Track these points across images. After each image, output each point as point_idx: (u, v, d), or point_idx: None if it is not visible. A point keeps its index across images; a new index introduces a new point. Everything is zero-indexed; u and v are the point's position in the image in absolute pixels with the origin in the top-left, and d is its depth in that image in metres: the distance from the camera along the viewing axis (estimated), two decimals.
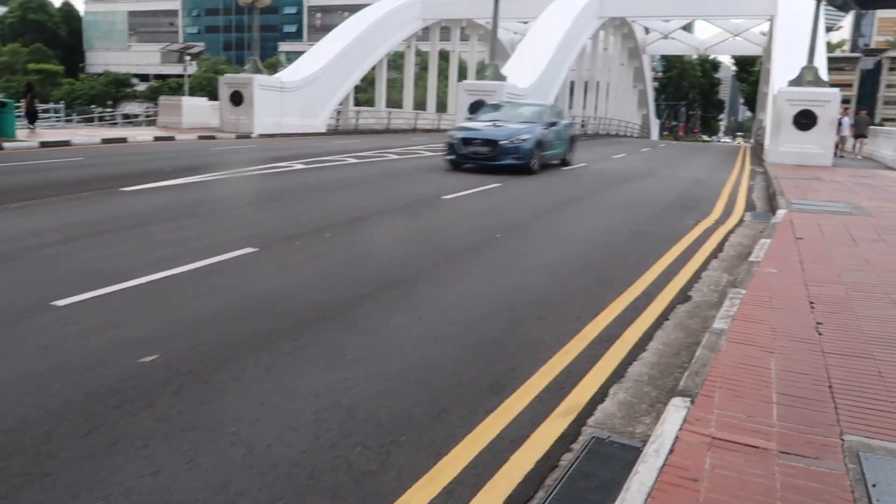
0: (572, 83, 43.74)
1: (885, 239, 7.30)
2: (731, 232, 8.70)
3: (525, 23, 44.96)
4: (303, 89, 30.39)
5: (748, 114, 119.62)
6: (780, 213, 9.00)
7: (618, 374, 4.08)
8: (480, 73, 28.53)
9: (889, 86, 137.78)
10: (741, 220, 9.59)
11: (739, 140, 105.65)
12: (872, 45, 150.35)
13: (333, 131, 31.77)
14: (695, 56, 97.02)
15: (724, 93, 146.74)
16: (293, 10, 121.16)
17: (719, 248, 7.72)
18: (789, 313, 4.83)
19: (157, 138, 21.98)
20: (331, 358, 4.13)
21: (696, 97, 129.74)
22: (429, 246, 7.41)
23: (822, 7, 27.17)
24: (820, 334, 4.42)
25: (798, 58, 23.78)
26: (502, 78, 27.37)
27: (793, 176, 15.73)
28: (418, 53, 53.34)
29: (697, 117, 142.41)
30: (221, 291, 5.44)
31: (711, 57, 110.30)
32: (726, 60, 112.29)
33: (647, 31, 55.13)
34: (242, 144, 21.93)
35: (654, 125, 68.21)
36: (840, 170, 19.32)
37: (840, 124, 25.17)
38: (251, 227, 8.04)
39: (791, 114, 22.18)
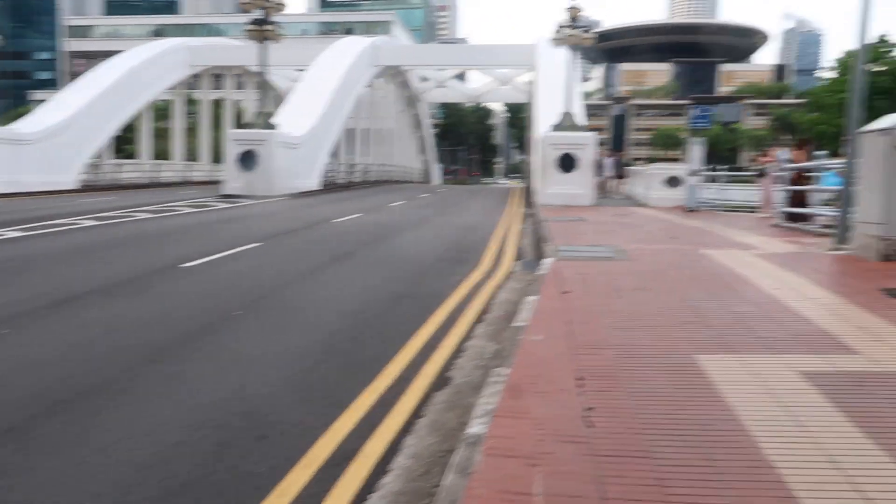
0: (354, 131, 43.49)
1: (645, 286, 7.08)
2: (499, 287, 8.14)
3: (301, 70, 44.09)
4: (45, 142, 26.67)
5: (521, 156, 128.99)
6: (547, 262, 8.66)
7: None
8: (251, 123, 26.93)
9: (636, 129, 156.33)
10: (510, 272, 9.14)
11: (515, 181, 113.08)
12: (620, 94, 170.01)
13: (88, 188, 28.22)
14: (469, 103, 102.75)
15: (500, 137, 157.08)
16: (47, 55, 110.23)
17: (486, 308, 7.05)
18: (556, 397, 4.06)
19: None
20: None
21: (474, 142, 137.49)
22: (140, 338, 5.86)
23: (577, 58, 29.32)
24: (590, 426, 3.66)
25: (558, 105, 25.21)
26: (272, 127, 25.98)
27: (560, 218, 16.10)
28: (192, 102, 50.19)
29: (477, 161, 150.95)
30: None
31: (485, 104, 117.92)
32: (499, 107, 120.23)
33: (422, 79, 56.89)
34: None
35: (436, 170, 70.36)
36: (602, 209, 20.40)
37: (602, 165, 26.69)
38: None
39: (555, 157, 23.28)
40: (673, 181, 23.25)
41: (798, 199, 13.97)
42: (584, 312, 6.03)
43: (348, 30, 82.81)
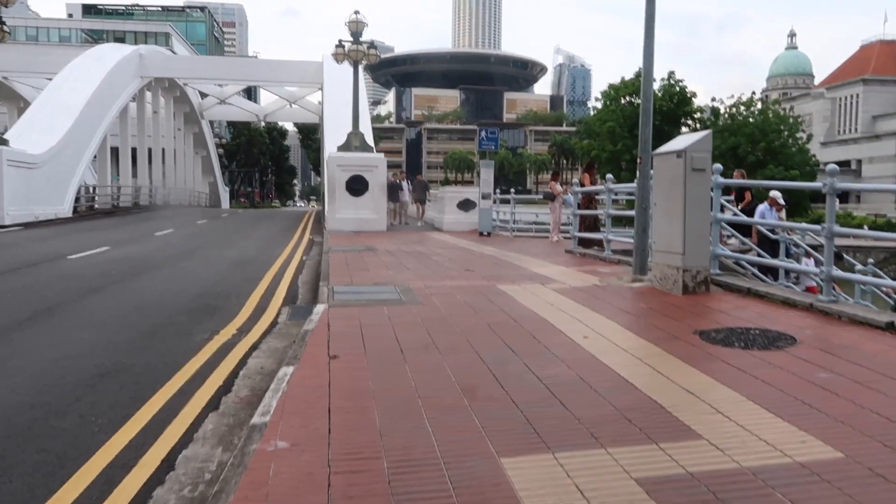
0: (123, 149, 38.74)
1: (436, 342, 5.66)
2: (255, 347, 6.29)
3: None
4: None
5: (320, 178, 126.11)
6: (319, 309, 6.98)
7: None
8: None
9: (429, 152, 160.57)
10: (274, 323, 7.32)
11: (312, 204, 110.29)
12: (413, 118, 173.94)
13: None
14: (260, 122, 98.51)
15: (297, 158, 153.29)
16: None
17: (227, 385, 5.18)
18: None
19: None
20: None
21: (270, 163, 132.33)
22: None
23: (362, 71, 28.08)
24: None
25: (347, 124, 23.74)
26: (3, 143, 21.65)
27: (347, 247, 14.52)
28: None
29: (272, 183, 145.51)
30: None
31: (281, 124, 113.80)
32: (293, 127, 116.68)
33: (202, 95, 52.76)
34: None
35: (224, 192, 65.92)
36: (395, 235, 19.17)
37: (401, 189, 25.22)
38: None
39: (343, 179, 21.72)
40: (466, 204, 22.75)
41: (588, 224, 13.65)
42: (353, 393, 4.41)
43: (119, 39, 75.34)
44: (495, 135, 20.62)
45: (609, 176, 11.97)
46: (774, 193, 11.37)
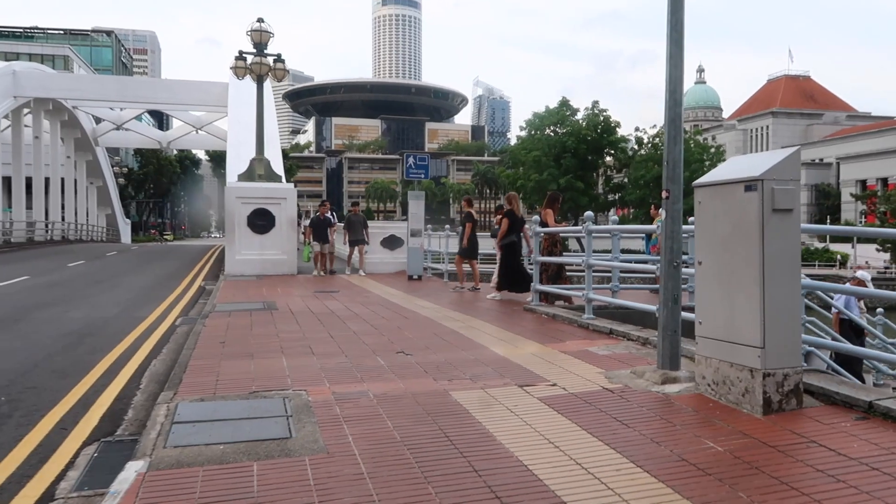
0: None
1: None
2: None
3: None
4: None
5: None
6: (129, 477, 3.67)
7: None
8: None
9: (351, 182, 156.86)
10: (49, 497, 3.91)
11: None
12: (333, 147, 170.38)
13: None
14: (170, 150, 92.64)
15: (214, 188, 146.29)
16: None
17: None
18: None
19: None
20: None
21: (182, 194, 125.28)
22: None
23: (271, 93, 24.75)
24: None
25: (253, 150, 20.24)
26: None
27: (238, 305, 11.08)
28: None
29: (185, 214, 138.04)
30: None
31: (195, 152, 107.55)
32: (204, 155, 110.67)
33: (98, 120, 47.77)
34: None
35: (125, 226, 60.34)
36: (307, 282, 15.75)
37: (331, 225, 18.54)
38: None
39: (245, 214, 18.22)
40: (392, 242, 19.58)
41: (552, 273, 10.72)
42: None
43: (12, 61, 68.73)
44: (425, 162, 17.63)
45: (588, 213, 9.05)
46: (863, 275, 8.93)
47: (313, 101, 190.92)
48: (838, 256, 52.60)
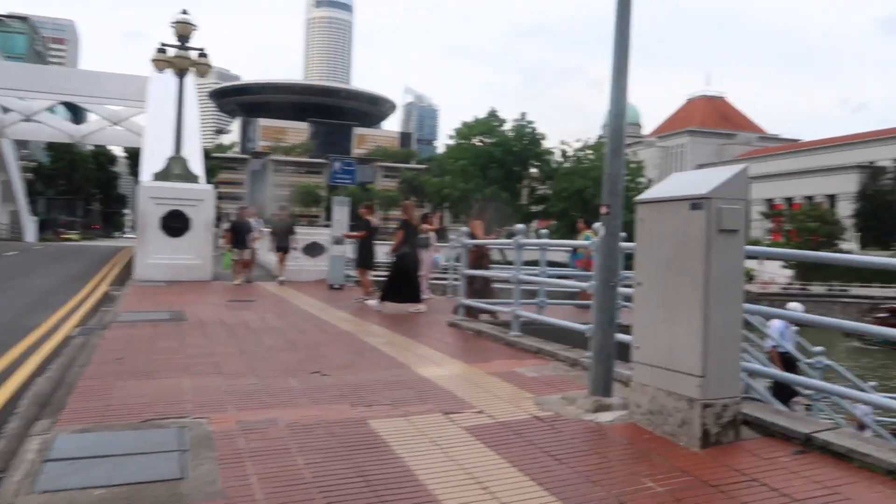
0: None
1: None
2: None
3: None
4: None
5: None
6: None
7: None
8: None
9: (274, 185, 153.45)
10: None
11: None
12: (258, 149, 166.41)
13: None
14: (84, 145, 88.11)
15: (129, 186, 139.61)
16: None
17: None
18: None
19: None
20: None
21: (96, 191, 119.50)
22: None
23: (192, 87, 23.65)
24: None
25: (171, 148, 19.18)
26: None
27: (143, 315, 10.27)
28: None
29: (99, 213, 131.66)
30: None
31: (111, 148, 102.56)
32: (120, 151, 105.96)
33: (6, 110, 44.81)
34: None
35: (30, 223, 56.78)
36: (220, 290, 14.92)
37: (249, 230, 17.31)
38: None
39: (158, 215, 17.19)
40: (314, 249, 18.89)
41: (478, 287, 10.41)
42: None
43: None
44: (352, 167, 16.89)
45: (520, 226, 8.77)
46: (795, 306, 8.95)
47: (240, 100, 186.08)
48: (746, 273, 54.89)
